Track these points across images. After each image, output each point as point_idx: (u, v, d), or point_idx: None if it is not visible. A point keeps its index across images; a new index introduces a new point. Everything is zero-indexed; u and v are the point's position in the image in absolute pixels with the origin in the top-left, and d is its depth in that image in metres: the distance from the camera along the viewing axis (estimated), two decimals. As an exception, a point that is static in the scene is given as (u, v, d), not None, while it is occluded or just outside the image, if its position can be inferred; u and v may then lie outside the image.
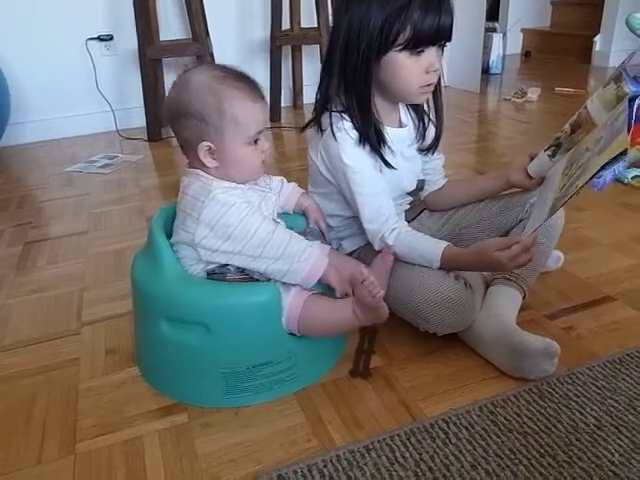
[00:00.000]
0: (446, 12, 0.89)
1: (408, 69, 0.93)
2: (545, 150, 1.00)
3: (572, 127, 0.95)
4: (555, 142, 0.98)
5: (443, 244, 0.96)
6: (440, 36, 0.91)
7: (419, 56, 0.91)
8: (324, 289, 0.92)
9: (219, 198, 0.85)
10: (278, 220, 0.96)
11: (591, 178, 0.78)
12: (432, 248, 0.96)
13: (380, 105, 1.00)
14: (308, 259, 0.87)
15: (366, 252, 1.07)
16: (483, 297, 1.03)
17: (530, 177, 1.05)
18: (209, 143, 0.86)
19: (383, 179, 1.01)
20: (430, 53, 0.92)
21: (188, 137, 0.87)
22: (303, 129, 1.06)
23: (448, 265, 0.95)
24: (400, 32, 0.88)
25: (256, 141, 0.89)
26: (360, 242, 1.10)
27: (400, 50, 0.90)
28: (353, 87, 0.95)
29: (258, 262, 0.86)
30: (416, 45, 0.90)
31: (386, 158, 0.99)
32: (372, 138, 0.97)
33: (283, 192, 1.06)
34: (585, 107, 0.92)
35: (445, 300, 0.92)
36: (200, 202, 0.85)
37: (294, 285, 0.89)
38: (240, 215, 0.85)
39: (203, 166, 0.88)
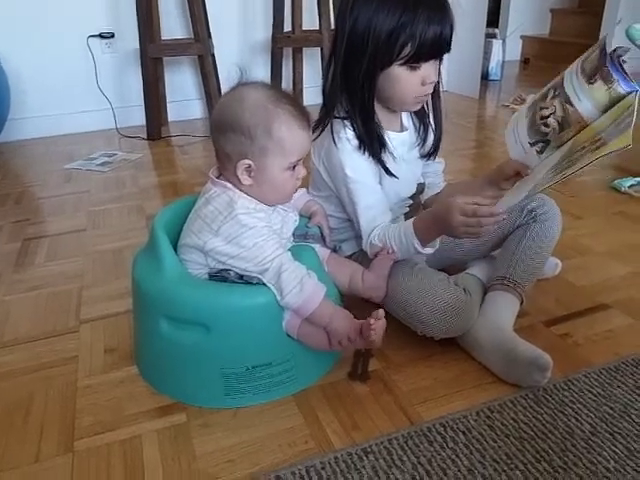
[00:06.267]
0: (448, 25, 0.89)
1: (405, 82, 0.93)
2: (532, 144, 0.96)
3: (560, 125, 0.92)
4: (543, 138, 0.95)
5: (411, 220, 0.96)
6: (440, 50, 0.92)
7: (417, 69, 0.92)
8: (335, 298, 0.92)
9: (240, 219, 0.85)
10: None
11: (581, 168, 0.78)
12: (404, 227, 0.96)
13: (381, 111, 1.00)
14: (301, 292, 0.84)
15: (365, 255, 1.07)
16: (481, 303, 1.04)
17: (505, 180, 1.02)
18: (250, 162, 0.85)
19: (381, 189, 1.02)
20: (427, 66, 0.92)
21: (230, 151, 0.86)
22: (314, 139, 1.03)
23: (424, 233, 0.93)
24: (404, 47, 0.89)
25: (294, 167, 0.89)
26: (359, 245, 1.11)
27: (401, 65, 0.91)
28: (355, 96, 0.96)
29: (261, 276, 0.86)
30: (417, 60, 0.90)
31: (387, 166, 1.00)
32: (373, 145, 0.97)
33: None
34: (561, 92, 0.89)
35: (444, 305, 0.93)
36: (222, 216, 0.85)
37: None
38: (255, 240, 0.84)
39: (236, 180, 0.87)
